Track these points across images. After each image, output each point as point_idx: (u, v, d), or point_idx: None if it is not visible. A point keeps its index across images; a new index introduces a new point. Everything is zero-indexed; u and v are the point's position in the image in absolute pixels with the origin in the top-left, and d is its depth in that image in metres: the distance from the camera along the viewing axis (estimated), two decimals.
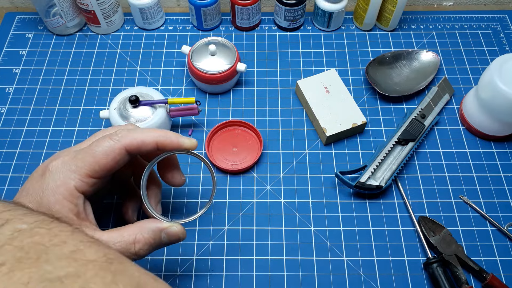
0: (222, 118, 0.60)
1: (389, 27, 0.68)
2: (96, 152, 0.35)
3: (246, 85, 0.63)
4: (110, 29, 0.68)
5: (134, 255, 0.35)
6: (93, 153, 0.35)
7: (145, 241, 0.35)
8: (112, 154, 0.35)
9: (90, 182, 0.35)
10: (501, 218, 0.52)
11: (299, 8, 0.65)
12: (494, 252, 0.50)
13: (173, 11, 0.73)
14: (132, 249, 0.35)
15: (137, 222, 0.37)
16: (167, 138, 0.37)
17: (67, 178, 0.34)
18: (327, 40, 0.68)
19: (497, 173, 0.55)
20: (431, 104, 0.59)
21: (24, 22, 0.70)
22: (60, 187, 0.34)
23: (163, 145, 0.37)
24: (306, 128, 0.59)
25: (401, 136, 0.55)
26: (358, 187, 0.52)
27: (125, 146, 0.36)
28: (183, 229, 0.39)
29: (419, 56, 0.64)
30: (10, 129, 0.59)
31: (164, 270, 0.49)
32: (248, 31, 0.70)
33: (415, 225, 0.51)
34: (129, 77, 0.64)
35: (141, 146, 0.36)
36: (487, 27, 0.70)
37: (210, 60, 0.59)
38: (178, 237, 0.38)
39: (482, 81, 0.54)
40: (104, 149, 0.35)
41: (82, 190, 0.35)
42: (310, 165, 0.56)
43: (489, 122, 0.55)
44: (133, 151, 0.36)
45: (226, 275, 0.48)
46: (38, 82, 0.64)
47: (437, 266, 0.47)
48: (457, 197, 0.54)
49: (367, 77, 0.61)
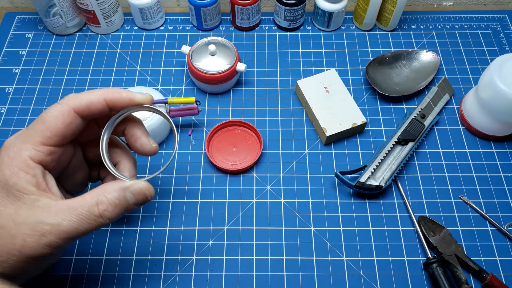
0: (222, 118, 0.60)
1: (389, 27, 0.68)
2: (45, 118, 0.34)
3: (246, 85, 0.63)
4: (110, 29, 0.68)
5: (100, 217, 0.33)
6: (42, 119, 0.34)
7: (108, 202, 0.34)
8: (61, 117, 0.34)
9: (46, 151, 0.34)
10: (501, 218, 0.52)
11: (299, 8, 0.65)
12: (494, 252, 0.50)
13: (173, 11, 0.73)
14: (96, 211, 0.33)
15: (100, 185, 0.35)
16: (115, 93, 0.36)
17: (20, 150, 0.33)
18: (327, 40, 0.68)
19: (497, 173, 0.55)
20: (431, 104, 0.59)
21: (24, 22, 0.70)
22: (14, 159, 0.33)
23: (112, 101, 0.36)
24: (306, 128, 0.59)
25: (401, 136, 0.55)
26: (358, 187, 0.52)
27: (73, 107, 0.35)
28: (149, 186, 0.36)
29: (419, 56, 0.64)
30: (10, 129, 0.59)
31: (164, 270, 0.49)
32: (248, 31, 0.70)
33: (415, 225, 0.51)
34: (129, 77, 0.64)
35: (89, 105, 0.35)
36: (487, 27, 0.70)
37: (210, 60, 0.59)
38: (144, 195, 0.36)
39: (482, 81, 0.54)
40: (53, 113, 0.34)
41: (37, 159, 0.34)
42: (310, 165, 0.56)
43: (489, 122, 0.55)
44: (83, 112, 0.35)
45: (225, 275, 0.48)
46: (38, 82, 0.64)
47: (437, 266, 0.47)
48: (457, 197, 0.54)
49: (367, 77, 0.61)
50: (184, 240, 0.51)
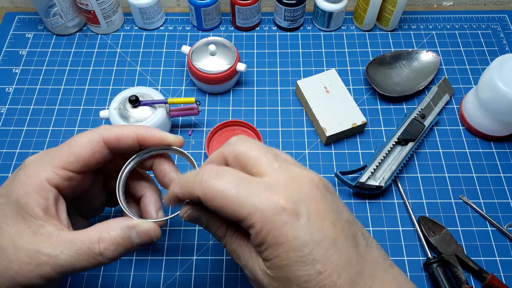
0: (222, 118, 0.60)
1: (389, 27, 0.68)
2: (72, 143, 0.33)
3: (246, 85, 0.63)
4: (110, 29, 0.68)
5: (99, 256, 0.31)
6: (69, 143, 0.33)
7: (111, 240, 0.31)
8: (88, 145, 0.33)
9: (65, 175, 0.33)
10: (501, 218, 0.52)
11: (299, 8, 0.65)
12: (494, 252, 0.50)
13: (173, 11, 0.73)
14: (96, 249, 0.31)
15: (107, 220, 0.33)
16: (148, 131, 0.35)
17: (39, 170, 0.32)
18: (327, 40, 0.68)
19: (497, 173, 0.55)
20: (431, 104, 0.59)
21: (24, 22, 0.70)
22: (31, 178, 0.31)
23: (143, 138, 0.35)
24: (306, 128, 0.59)
25: (401, 136, 0.55)
26: (358, 187, 0.52)
27: (103, 138, 0.34)
28: (156, 227, 0.34)
29: (419, 56, 0.64)
30: (10, 129, 0.59)
31: (164, 270, 0.49)
32: (248, 31, 0.70)
33: (415, 225, 0.51)
34: (129, 77, 0.64)
35: (120, 138, 0.34)
36: (487, 27, 0.70)
37: (210, 60, 0.59)
38: (150, 237, 0.33)
39: (482, 81, 0.54)
40: (81, 139, 0.33)
41: (54, 183, 0.32)
42: (310, 165, 0.56)
43: (489, 122, 0.55)
44: (112, 143, 0.34)
45: (225, 275, 0.48)
46: (38, 82, 0.64)
47: (437, 266, 0.47)
48: (457, 197, 0.54)
49: (367, 77, 0.61)
50: (184, 240, 0.51)
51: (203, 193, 0.29)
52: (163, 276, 0.48)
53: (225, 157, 0.32)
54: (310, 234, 0.27)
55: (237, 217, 0.28)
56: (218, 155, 0.32)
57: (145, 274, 0.48)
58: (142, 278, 0.48)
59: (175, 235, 0.51)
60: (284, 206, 0.27)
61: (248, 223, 0.28)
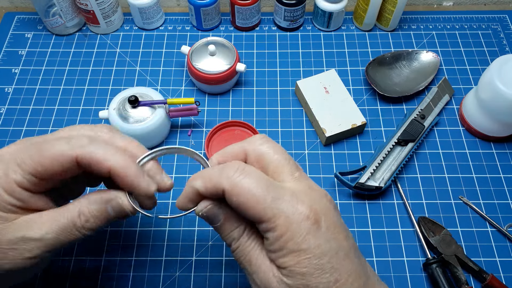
0: (222, 118, 0.60)
1: (389, 27, 0.68)
2: (45, 152, 0.32)
3: (245, 86, 0.63)
4: (109, 29, 0.68)
5: (82, 228, 0.33)
6: (42, 152, 0.32)
7: (90, 213, 0.33)
8: (60, 159, 0.32)
9: (33, 181, 0.32)
10: (500, 218, 0.52)
11: (299, 8, 0.65)
12: (494, 253, 0.50)
13: (173, 11, 0.73)
14: (78, 223, 0.32)
15: (86, 195, 0.34)
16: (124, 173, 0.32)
17: (9, 170, 0.32)
18: (327, 40, 0.68)
19: (497, 174, 0.55)
20: (431, 105, 0.59)
21: (24, 22, 0.70)
22: (2, 177, 0.31)
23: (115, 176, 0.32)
24: (305, 129, 0.59)
25: (400, 136, 0.55)
26: (358, 188, 0.52)
27: (77, 157, 0.32)
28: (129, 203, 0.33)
29: (419, 56, 0.64)
30: (9, 129, 0.59)
31: (163, 270, 0.49)
32: (248, 31, 0.69)
33: (415, 225, 0.51)
34: (128, 77, 0.64)
35: (92, 165, 0.32)
36: (487, 27, 0.70)
37: (209, 60, 0.59)
38: (124, 212, 0.34)
39: (482, 81, 0.54)
40: (55, 152, 0.32)
41: (24, 186, 0.32)
42: (309, 165, 0.56)
43: (489, 123, 0.55)
44: (84, 165, 0.32)
45: (225, 275, 0.48)
46: (37, 82, 0.63)
47: (437, 267, 0.47)
48: (457, 197, 0.54)
49: (367, 77, 0.61)
50: (184, 240, 0.51)
51: (231, 187, 0.29)
52: (162, 276, 0.48)
53: (246, 153, 0.33)
54: (329, 244, 0.28)
55: (260, 218, 0.28)
56: (240, 150, 0.33)
57: (145, 274, 0.48)
58: (142, 279, 0.48)
59: (174, 236, 0.51)
60: (308, 215, 0.28)
61: (269, 225, 0.28)
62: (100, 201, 0.33)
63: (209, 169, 0.32)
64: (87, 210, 0.33)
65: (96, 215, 0.33)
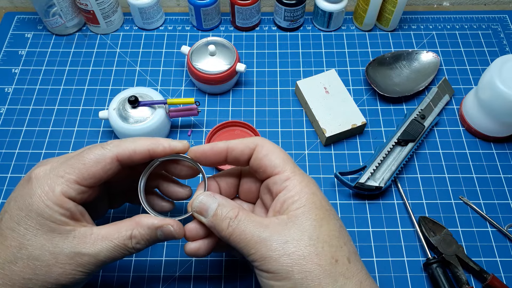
0: (222, 118, 0.60)
1: (389, 27, 0.68)
2: (86, 159, 0.35)
3: (245, 86, 0.63)
4: (109, 29, 0.68)
5: (132, 249, 0.36)
6: (83, 160, 0.35)
7: (141, 237, 0.36)
8: (102, 162, 0.35)
9: (78, 190, 0.35)
10: (501, 219, 0.52)
11: (299, 8, 0.65)
12: (494, 253, 0.50)
13: (173, 11, 0.73)
14: (130, 244, 0.36)
15: (133, 217, 0.37)
16: (159, 145, 0.37)
17: (54, 184, 0.34)
18: (327, 40, 0.68)
19: (497, 174, 0.55)
20: (431, 105, 0.59)
21: (24, 22, 0.70)
22: (48, 193, 0.33)
23: (155, 152, 0.37)
24: (305, 129, 0.59)
25: (400, 136, 0.55)
26: (358, 188, 0.52)
27: (117, 155, 0.36)
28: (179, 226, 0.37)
29: (419, 56, 0.64)
30: (9, 129, 0.59)
31: (163, 271, 0.49)
32: (248, 31, 0.69)
33: (415, 225, 0.51)
34: (128, 77, 0.64)
35: (132, 155, 0.36)
36: (487, 27, 0.70)
37: (209, 61, 0.59)
38: (173, 236, 0.38)
39: (482, 82, 0.54)
40: (95, 156, 0.35)
41: (69, 196, 0.34)
42: (309, 165, 0.56)
43: (489, 123, 0.55)
44: (124, 160, 0.36)
45: (225, 276, 0.48)
46: (37, 82, 0.63)
47: (437, 267, 0.47)
48: (457, 197, 0.54)
49: (367, 77, 0.61)
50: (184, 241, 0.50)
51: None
52: (162, 277, 0.48)
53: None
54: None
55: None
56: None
57: (145, 275, 0.48)
58: (142, 279, 0.48)
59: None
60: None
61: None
62: (152, 227, 0.36)
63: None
64: (139, 234, 0.36)
65: (147, 239, 0.36)
